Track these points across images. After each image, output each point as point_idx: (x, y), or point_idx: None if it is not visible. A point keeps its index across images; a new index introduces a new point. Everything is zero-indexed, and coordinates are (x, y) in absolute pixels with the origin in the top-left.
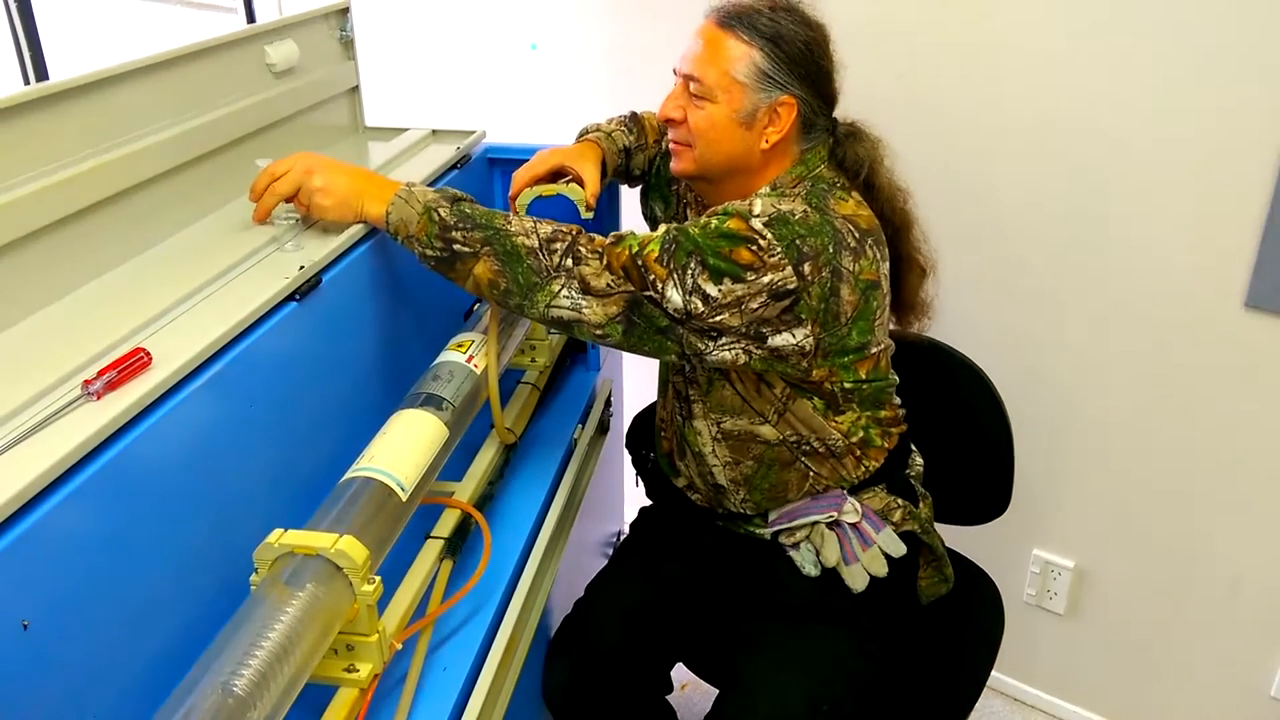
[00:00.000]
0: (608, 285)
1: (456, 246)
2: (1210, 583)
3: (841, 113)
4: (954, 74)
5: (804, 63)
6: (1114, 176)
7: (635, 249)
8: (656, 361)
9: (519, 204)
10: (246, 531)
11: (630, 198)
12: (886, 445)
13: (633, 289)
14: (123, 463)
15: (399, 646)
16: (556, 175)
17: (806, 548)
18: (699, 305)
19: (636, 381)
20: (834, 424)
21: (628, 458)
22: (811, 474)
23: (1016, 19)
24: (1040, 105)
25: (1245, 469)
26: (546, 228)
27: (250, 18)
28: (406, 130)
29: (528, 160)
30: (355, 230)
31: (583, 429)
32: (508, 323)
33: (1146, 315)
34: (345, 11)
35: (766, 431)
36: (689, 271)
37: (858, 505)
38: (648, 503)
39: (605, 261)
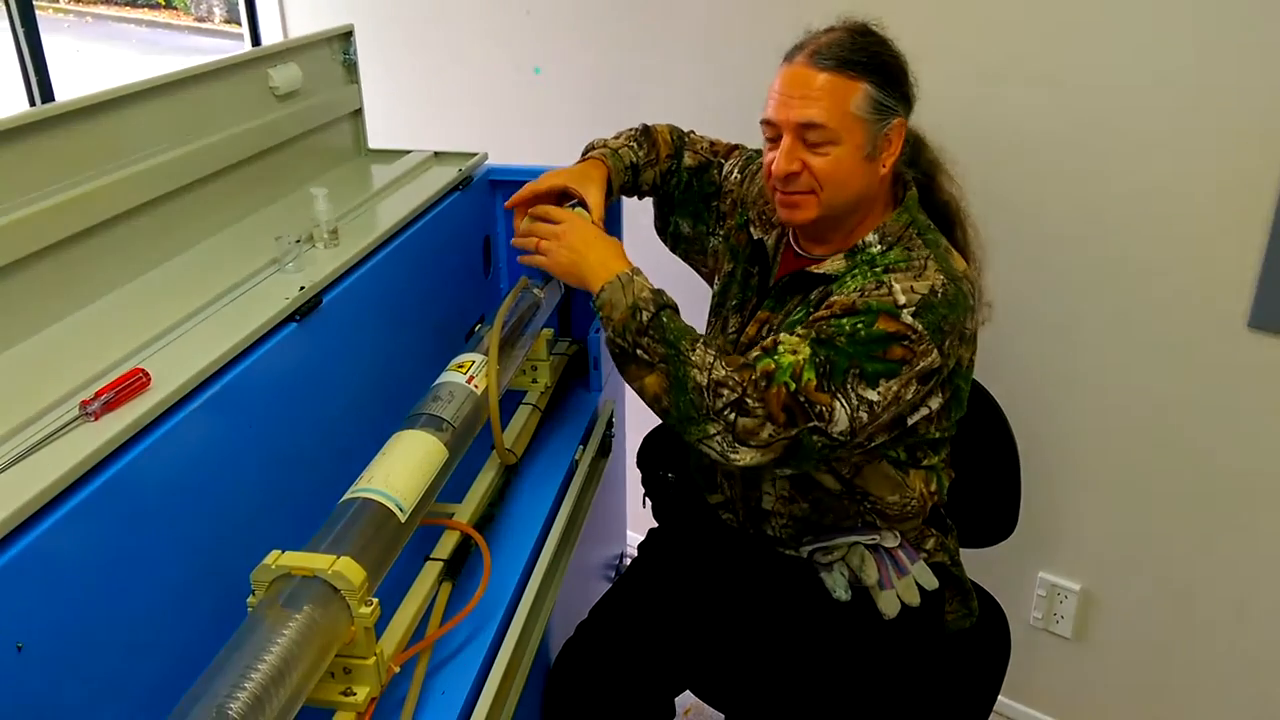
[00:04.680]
0: (770, 436)
1: (639, 352)
2: (1217, 605)
3: None
4: (954, 99)
5: (903, 82)
6: (1116, 199)
7: (791, 385)
8: None
9: (521, 228)
10: (244, 553)
11: (630, 209)
12: (947, 483)
13: (796, 430)
14: (120, 484)
15: (397, 670)
16: (560, 197)
17: (840, 569)
18: (864, 418)
19: (639, 403)
20: (914, 482)
21: (631, 479)
22: (864, 520)
23: (1018, 43)
24: (1041, 128)
25: (1250, 490)
26: (722, 370)
27: (255, 41)
28: (409, 152)
29: (528, 181)
30: (356, 251)
31: (584, 450)
32: (509, 344)
33: (1150, 337)
34: (348, 35)
35: (829, 482)
36: (849, 386)
37: (897, 531)
38: (655, 524)
39: (767, 411)
